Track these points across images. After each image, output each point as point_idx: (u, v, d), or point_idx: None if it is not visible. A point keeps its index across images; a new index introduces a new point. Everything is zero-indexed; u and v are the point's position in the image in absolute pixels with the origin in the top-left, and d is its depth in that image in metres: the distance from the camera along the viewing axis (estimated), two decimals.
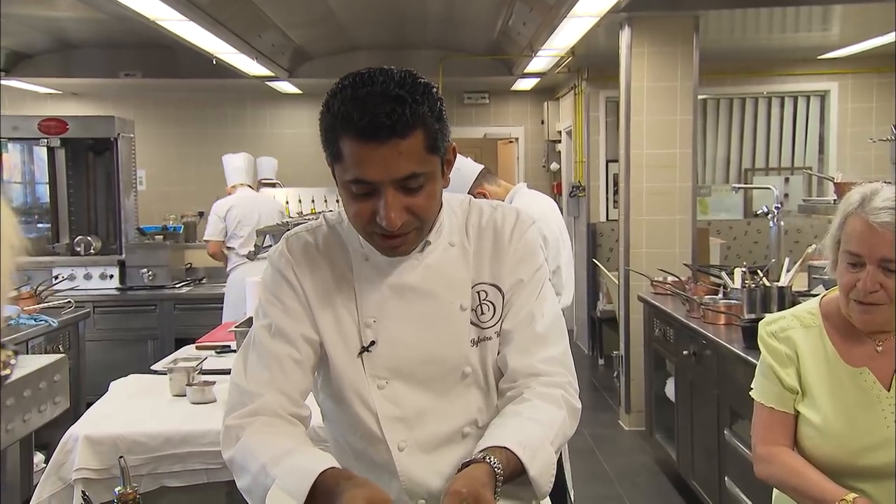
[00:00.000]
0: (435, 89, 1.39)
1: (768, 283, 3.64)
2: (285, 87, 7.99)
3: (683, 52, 5.49)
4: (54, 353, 4.24)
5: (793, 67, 7.61)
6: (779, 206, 4.64)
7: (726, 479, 3.57)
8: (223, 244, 6.04)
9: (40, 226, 6.70)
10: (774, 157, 7.99)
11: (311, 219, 3.10)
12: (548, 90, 8.83)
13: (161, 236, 6.68)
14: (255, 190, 6.33)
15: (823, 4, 5.44)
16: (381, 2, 5.97)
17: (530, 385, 1.49)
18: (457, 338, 1.51)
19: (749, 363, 3.07)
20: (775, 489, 1.95)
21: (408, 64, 1.42)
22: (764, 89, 7.85)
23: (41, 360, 3.40)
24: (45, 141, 6.22)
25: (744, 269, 3.88)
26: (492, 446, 1.36)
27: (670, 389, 4.60)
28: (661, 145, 5.53)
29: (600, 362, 7.56)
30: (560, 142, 8.84)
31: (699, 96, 5.67)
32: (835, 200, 4.18)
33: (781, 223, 4.65)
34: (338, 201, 7.00)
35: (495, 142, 10.03)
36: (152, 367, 3.47)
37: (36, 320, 4.35)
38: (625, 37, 5.52)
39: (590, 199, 7.75)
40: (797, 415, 1.87)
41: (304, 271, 1.51)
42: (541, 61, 6.68)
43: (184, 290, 6.35)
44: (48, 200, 6.58)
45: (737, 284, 3.98)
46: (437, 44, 7.29)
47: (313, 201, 7.60)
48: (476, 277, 1.54)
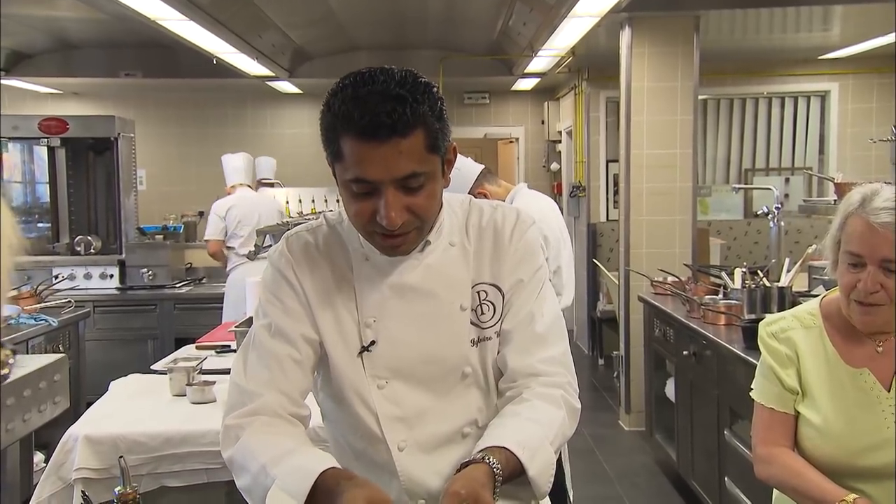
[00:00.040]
0: (435, 89, 1.39)
1: (768, 284, 3.64)
2: (286, 87, 7.99)
3: (684, 52, 5.49)
4: (54, 352, 4.24)
5: (793, 68, 7.61)
6: (779, 206, 4.64)
7: (726, 479, 3.57)
8: (223, 244, 6.04)
9: (40, 225, 6.70)
10: (775, 157, 7.99)
11: (311, 219, 3.09)
12: (548, 90, 8.83)
13: (161, 236, 6.67)
14: (254, 190, 6.33)
15: (824, 5, 5.44)
16: (382, 2, 5.97)
17: (530, 385, 1.49)
18: (457, 338, 1.51)
19: (749, 363, 3.06)
20: (775, 490, 1.95)
21: (408, 64, 1.42)
22: (764, 89, 7.85)
23: (41, 360, 3.40)
24: (46, 140, 6.22)
25: (744, 270, 3.88)
26: (491, 446, 1.36)
27: (670, 390, 4.60)
28: (661, 145, 5.53)
29: (600, 362, 7.56)
30: (560, 142, 8.84)
31: (699, 96, 5.66)
32: (835, 201, 4.18)
33: (781, 223, 4.65)
34: (338, 201, 6.98)
35: (495, 142, 10.03)
36: (152, 367, 3.47)
37: (36, 320, 4.35)
38: (625, 37, 5.52)
39: (590, 199, 7.75)
40: (797, 415, 1.87)
41: (304, 271, 1.51)
42: (541, 61, 6.68)
43: (184, 289, 6.34)
44: (48, 200, 6.58)
45: (737, 285, 3.98)
46: (437, 44, 7.29)
47: (313, 201, 7.60)
48: (476, 277, 1.53)
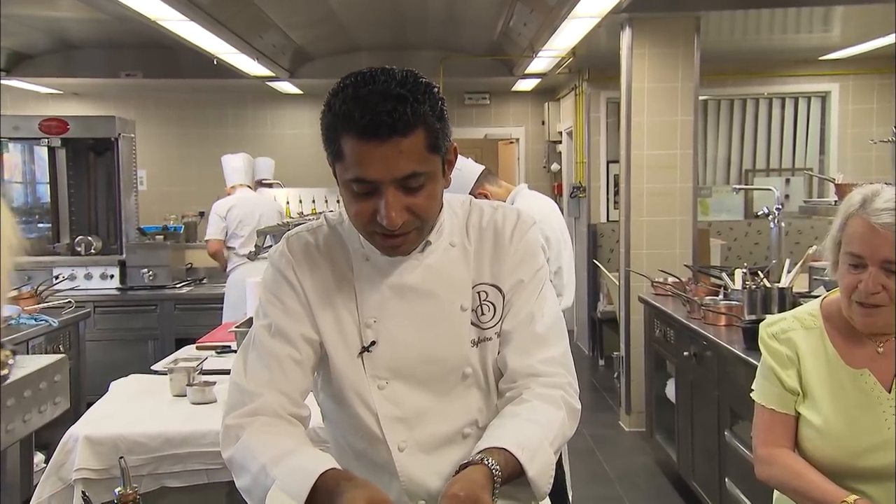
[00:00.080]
0: (436, 89, 1.39)
1: (769, 285, 3.64)
2: (286, 87, 7.99)
3: (684, 52, 5.48)
4: (55, 353, 4.24)
5: (794, 68, 7.61)
6: (779, 207, 4.64)
7: (727, 480, 3.56)
8: (223, 244, 6.04)
9: (41, 226, 6.70)
10: (775, 158, 7.99)
11: (311, 219, 3.09)
12: (548, 91, 8.83)
13: (161, 236, 6.67)
14: (253, 190, 6.33)
15: (824, 5, 5.44)
16: (382, 2, 5.97)
17: (530, 386, 1.49)
18: (457, 338, 1.51)
19: (749, 364, 3.06)
20: (776, 491, 1.95)
21: (408, 64, 1.42)
22: (765, 90, 7.85)
23: (41, 361, 3.40)
24: (46, 141, 6.22)
25: (744, 271, 3.88)
26: (490, 448, 1.36)
27: (671, 390, 4.59)
28: (661, 146, 5.53)
29: (601, 363, 7.56)
30: (561, 142, 8.84)
31: (700, 97, 5.66)
32: (836, 202, 4.17)
33: (782, 224, 4.65)
34: (338, 201, 6.98)
35: (496, 142, 10.02)
36: (153, 368, 3.47)
37: (36, 320, 4.35)
38: (626, 38, 5.52)
39: (590, 199, 7.74)
40: (798, 416, 1.86)
41: (304, 271, 1.51)
42: (541, 62, 6.68)
43: (184, 290, 6.34)
44: (49, 200, 6.58)
45: (737, 285, 3.97)
46: (437, 44, 7.29)
47: (314, 202, 7.60)
48: (476, 278, 1.53)
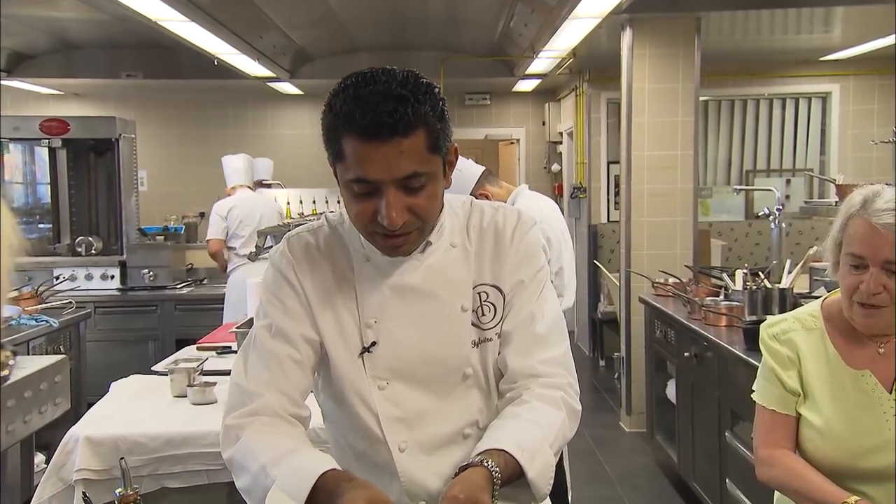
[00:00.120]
0: (437, 89, 1.39)
1: (769, 285, 3.64)
2: (286, 87, 8.00)
3: (685, 53, 5.48)
4: (55, 353, 4.24)
5: (794, 69, 7.60)
6: (780, 207, 4.64)
7: (727, 481, 3.56)
8: (224, 243, 6.05)
9: (41, 226, 6.70)
10: (776, 158, 7.98)
11: (312, 219, 3.09)
12: (549, 91, 8.82)
13: (162, 237, 6.68)
14: (253, 191, 6.33)
15: (825, 6, 5.44)
16: (383, 3, 5.97)
17: (530, 386, 1.49)
18: (458, 339, 1.51)
19: (750, 365, 3.06)
20: (777, 492, 1.95)
21: (409, 65, 1.42)
22: (765, 91, 7.85)
23: (42, 361, 3.40)
24: (47, 141, 6.22)
25: (745, 271, 3.88)
26: (490, 449, 1.35)
27: (671, 391, 4.59)
28: (662, 147, 5.53)
29: (601, 364, 7.56)
30: (561, 143, 8.84)
31: (700, 98, 5.66)
32: (836, 202, 4.17)
33: (783, 225, 4.65)
34: (339, 202, 6.98)
35: (496, 143, 10.03)
36: (153, 368, 3.47)
37: (37, 321, 4.35)
38: (626, 38, 5.52)
39: (591, 200, 7.74)
40: (799, 417, 1.86)
41: (304, 272, 1.51)
42: (542, 62, 6.68)
43: (185, 290, 6.34)
44: (49, 201, 6.59)
45: (738, 286, 3.97)
46: (438, 45, 7.30)
47: (314, 202, 7.59)
48: (477, 278, 1.53)
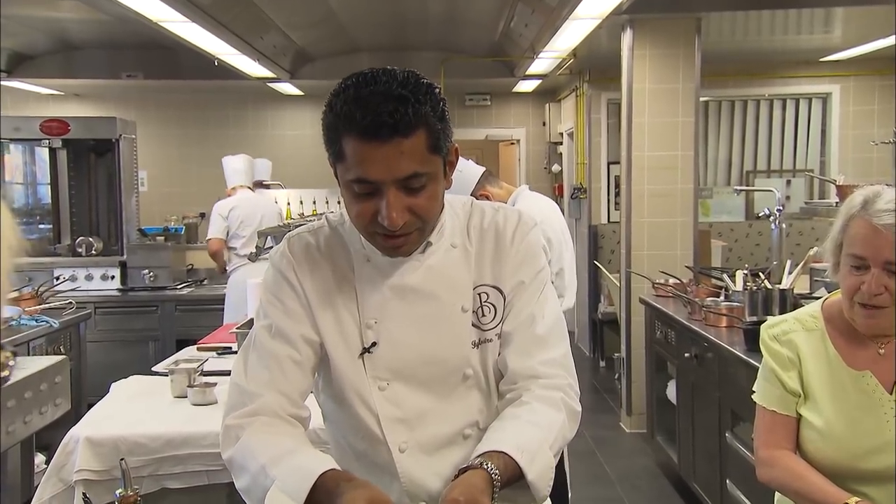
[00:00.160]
0: (438, 90, 1.39)
1: (770, 286, 3.64)
2: (287, 88, 8.00)
3: (685, 54, 5.48)
4: (55, 353, 4.24)
5: (794, 70, 7.60)
6: (780, 208, 4.64)
7: (728, 481, 3.56)
8: (224, 243, 6.04)
9: (42, 227, 6.70)
10: (776, 159, 7.98)
11: (312, 220, 3.09)
12: (549, 92, 8.82)
13: (162, 237, 6.67)
14: (253, 191, 6.34)
15: (825, 7, 5.44)
16: (383, 3, 5.97)
17: (530, 387, 1.48)
18: (458, 339, 1.50)
19: (751, 366, 3.06)
20: (777, 493, 1.95)
21: (409, 65, 1.42)
22: (765, 91, 7.85)
23: (42, 362, 3.40)
24: (47, 142, 6.21)
25: (745, 272, 3.87)
26: (489, 451, 1.35)
27: (671, 392, 4.59)
28: (662, 147, 5.53)
29: (601, 364, 7.55)
30: (561, 143, 8.84)
31: (701, 98, 5.66)
32: (837, 203, 4.18)
33: (783, 225, 4.64)
34: (339, 202, 6.99)
35: (497, 143, 10.03)
36: (153, 369, 3.47)
37: (37, 321, 4.35)
38: (626, 39, 5.52)
39: (591, 200, 7.74)
40: (799, 418, 1.86)
41: (305, 272, 1.51)
42: (542, 63, 6.68)
43: (185, 291, 6.34)
44: (50, 201, 6.59)
45: (738, 287, 3.97)
46: (438, 45, 7.30)
47: (314, 203, 7.59)
48: (477, 279, 1.53)
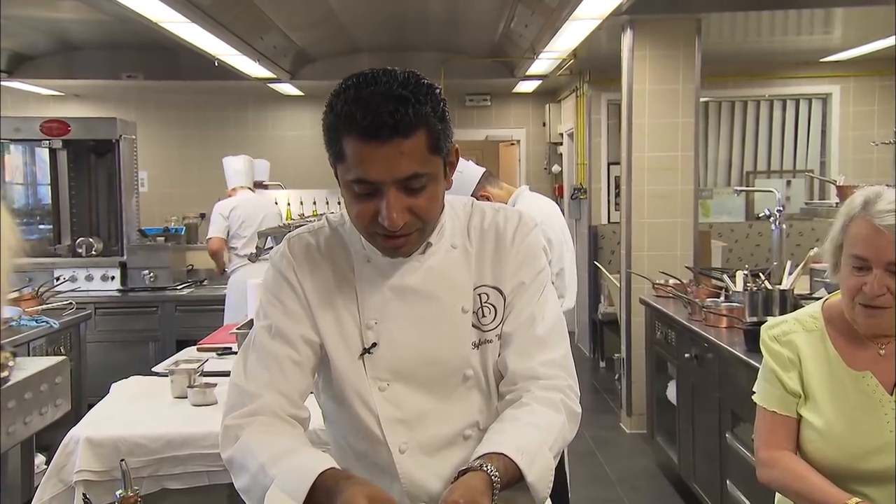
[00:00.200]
0: (438, 90, 1.39)
1: (770, 287, 3.64)
2: (287, 89, 8.00)
3: (685, 54, 5.48)
4: (55, 354, 4.24)
5: (794, 70, 7.60)
6: (780, 208, 4.64)
7: (728, 482, 3.56)
8: (225, 243, 6.04)
9: (42, 227, 6.70)
10: (776, 159, 7.98)
11: (312, 220, 3.09)
12: (549, 92, 8.83)
13: (162, 238, 6.67)
14: (253, 192, 6.34)
15: (825, 7, 5.44)
16: (383, 4, 5.97)
17: (530, 389, 1.48)
18: (458, 340, 1.50)
19: (751, 366, 3.06)
20: (778, 493, 1.95)
21: (409, 66, 1.41)
22: (766, 92, 7.85)
23: (42, 363, 3.40)
24: (47, 142, 6.21)
25: (745, 272, 3.87)
26: (489, 453, 1.35)
27: (672, 392, 4.59)
28: (662, 148, 5.53)
29: (601, 365, 7.55)
30: (561, 144, 8.84)
31: (701, 99, 5.66)
32: (837, 203, 4.18)
33: (783, 226, 4.64)
34: (339, 203, 6.99)
35: (497, 144, 10.03)
36: (153, 369, 3.47)
37: (37, 322, 4.35)
38: (627, 39, 5.52)
39: (591, 201, 7.74)
40: (800, 419, 1.86)
41: (305, 272, 1.51)
42: (542, 64, 6.68)
43: (185, 291, 6.34)
44: (50, 202, 6.59)
45: (738, 287, 3.97)
46: (438, 46, 7.30)
47: (314, 203, 7.60)
48: (478, 280, 1.53)
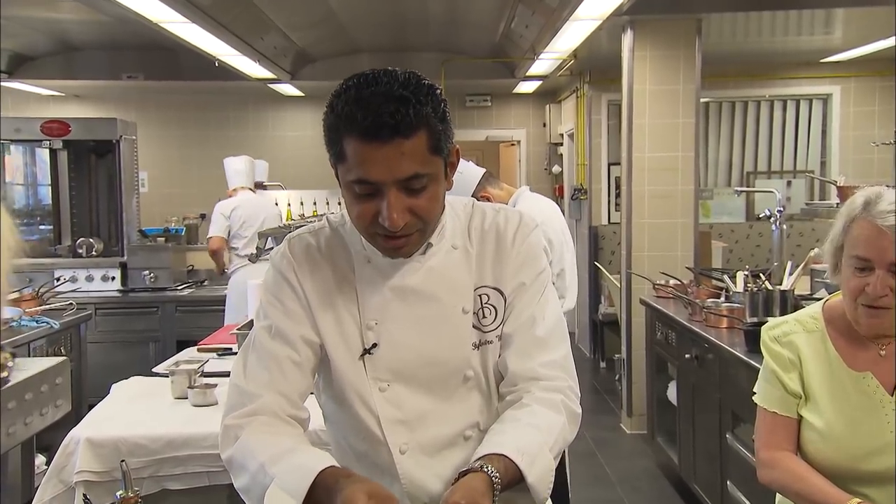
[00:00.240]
0: (439, 91, 1.39)
1: (770, 287, 3.63)
2: (287, 89, 8.00)
3: (686, 55, 5.48)
4: (56, 355, 4.24)
5: (795, 71, 7.60)
6: (781, 209, 4.64)
7: (728, 483, 3.56)
8: (226, 242, 6.04)
9: (42, 228, 6.71)
10: (777, 160, 7.98)
11: (312, 221, 3.09)
12: (550, 93, 8.83)
13: (163, 238, 6.68)
14: (254, 193, 6.34)
15: (826, 8, 5.43)
16: (383, 4, 5.97)
17: (530, 389, 1.48)
18: (458, 341, 1.50)
19: (751, 367, 3.06)
20: (778, 494, 1.95)
21: (410, 66, 1.42)
22: (766, 92, 7.84)
23: (43, 363, 3.40)
24: (48, 143, 6.22)
25: (746, 273, 3.87)
26: (490, 454, 1.35)
27: (672, 393, 4.59)
28: (663, 148, 5.53)
29: (602, 365, 7.55)
30: (562, 144, 8.84)
31: (701, 99, 5.66)
32: (837, 204, 4.18)
33: (784, 227, 4.65)
34: (339, 204, 6.99)
35: (497, 144, 10.03)
36: (154, 370, 3.47)
37: (38, 322, 4.35)
38: (627, 40, 5.51)
39: (591, 202, 7.74)
40: (800, 419, 1.86)
41: (305, 273, 1.51)
42: (543, 64, 6.68)
43: (185, 292, 6.34)
44: (50, 202, 6.59)
45: (739, 288, 3.97)
46: (439, 46, 7.30)
47: (315, 204, 7.60)
48: (478, 281, 1.53)
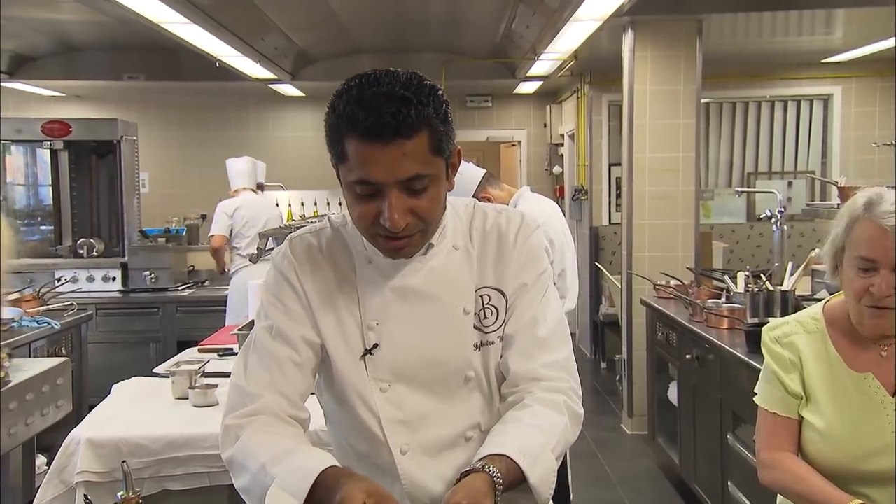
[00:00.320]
0: (441, 91, 1.39)
1: (771, 288, 3.63)
2: (288, 89, 8.00)
3: (687, 55, 5.48)
4: (56, 355, 4.24)
5: (796, 71, 7.60)
6: (782, 209, 4.64)
7: (729, 483, 3.56)
8: (227, 241, 6.04)
9: (43, 228, 6.71)
10: (777, 160, 7.98)
11: (313, 221, 3.09)
12: (550, 93, 8.83)
13: (164, 239, 6.68)
14: (256, 193, 6.34)
15: (826, 8, 5.44)
16: (384, 5, 5.97)
17: (532, 390, 1.48)
18: (460, 342, 1.50)
19: (752, 367, 3.06)
20: (779, 495, 1.94)
21: (410, 67, 1.42)
22: (767, 93, 7.85)
23: (44, 364, 3.40)
24: (49, 143, 6.22)
25: (747, 274, 3.87)
26: (492, 454, 1.35)
27: (673, 393, 4.59)
28: (663, 149, 5.53)
29: (603, 366, 7.55)
30: (563, 145, 8.84)
31: (702, 100, 5.66)
32: (838, 204, 4.17)
33: (784, 227, 4.64)
34: (340, 204, 7.00)
35: (498, 145, 10.04)
36: (154, 370, 3.47)
37: (38, 323, 4.35)
38: (628, 40, 5.51)
39: (592, 202, 7.74)
40: (801, 420, 1.86)
41: (306, 273, 1.51)
42: (543, 65, 6.68)
43: (186, 292, 6.34)
44: (51, 203, 6.60)
45: (740, 288, 3.97)
46: (439, 47, 7.30)
47: (315, 204, 7.60)
48: (479, 281, 1.53)
